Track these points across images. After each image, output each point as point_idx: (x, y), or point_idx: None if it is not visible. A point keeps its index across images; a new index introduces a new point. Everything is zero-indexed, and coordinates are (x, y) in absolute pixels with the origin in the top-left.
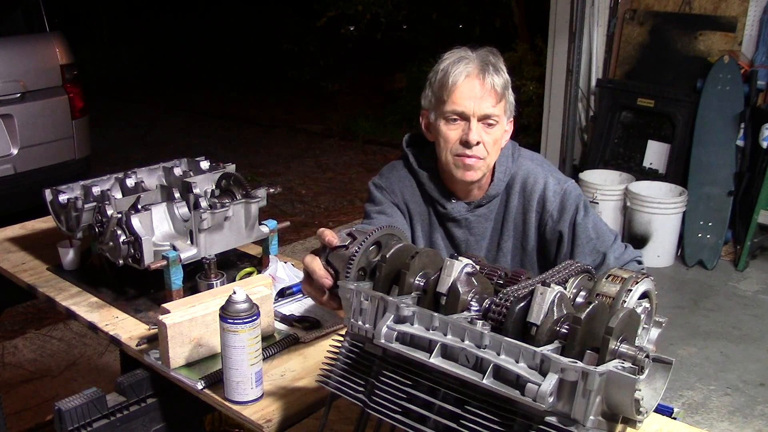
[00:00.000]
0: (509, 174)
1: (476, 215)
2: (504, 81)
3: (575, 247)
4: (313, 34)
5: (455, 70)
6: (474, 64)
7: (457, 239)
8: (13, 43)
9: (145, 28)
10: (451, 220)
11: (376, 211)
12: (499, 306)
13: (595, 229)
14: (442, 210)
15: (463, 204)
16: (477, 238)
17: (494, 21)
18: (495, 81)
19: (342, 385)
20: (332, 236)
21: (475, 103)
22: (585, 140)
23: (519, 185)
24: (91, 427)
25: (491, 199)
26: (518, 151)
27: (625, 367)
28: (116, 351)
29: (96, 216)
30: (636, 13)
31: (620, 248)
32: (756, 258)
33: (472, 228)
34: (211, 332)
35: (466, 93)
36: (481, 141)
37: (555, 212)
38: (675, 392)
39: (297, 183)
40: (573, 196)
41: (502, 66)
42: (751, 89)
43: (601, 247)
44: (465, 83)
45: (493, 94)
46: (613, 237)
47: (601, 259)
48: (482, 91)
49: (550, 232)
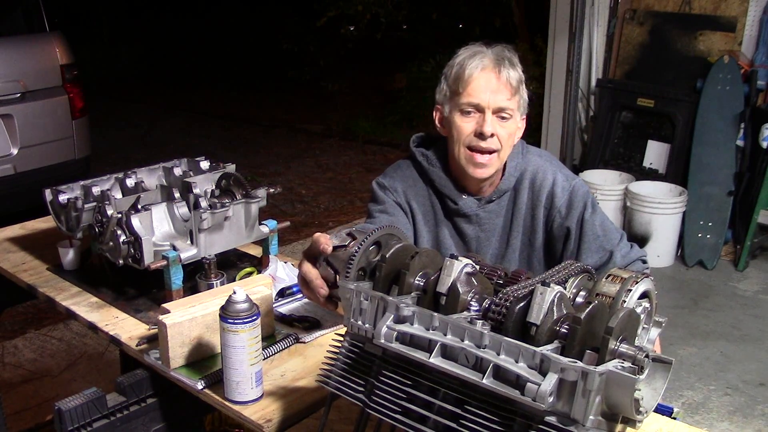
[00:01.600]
0: (519, 170)
1: (487, 211)
2: (519, 76)
3: (582, 244)
4: (313, 34)
5: (471, 63)
6: (489, 58)
7: (468, 236)
8: (13, 43)
9: (145, 28)
10: (461, 216)
11: (379, 210)
12: (499, 306)
13: (602, 226)
14: (453, 206)
15: (473, 200)
16: (488, 234)
17: (494, 21)
18: (510, 75)
19: (342, 385)
20: (327, 243)
21: (491, 96)
22: (585, 140)
23: (528, 181)
24: (91, 427)
25: (502, 194)
26: (527, 148)
27: (624, 367)
28: (116, 351)
29: (96, 216)
30: (636, 13)
31: (626, 247)
32: (756, 258)
33: (483, 224)
34: (211, 332)
35: (482, 85)
36: (495, 133)
37: (563, 208)
38: (675, 392)
39: (297, 183)
40: (581, 193)
41: (517, 62)
42: (751, 89)
43: (607, 245)
44: (481, 75)
45: (508, 87)
46: (620, 235)
47: (608, 257)
48: (497, 84)
49: (558, 228)
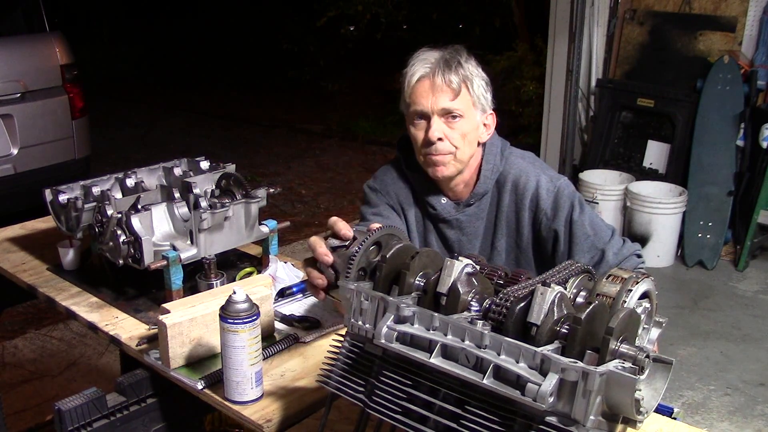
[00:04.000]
0: (497, 171)
1: (466, 215)
2: (461, 76)
3: (573, 245)
4: (313, 34)
5: (411, 71)
6: (429, 64)
7: (450, 240)
8: (13, 43)
9: (145, 28)
10: (442, 222)
11: (372, 213)
12: (500, 306)
13: (591, 225)
14: (432, 211)
15: (451, 204)
16: (470, 237)
17: (494, 21)
18: (449, 77)
19: (342, 385)
20: (326, 255)
21: (431, 101)
22: (585, 140)
23: (510, 184)
24: (91, 427)
25: (480, 197)
26: (508, 150)
27: (625, 367)
28: (116, 351)
29: (96, 216)
30: (636, 13)
31: (618, 243)
32: (756, 258)
33: (463, 228)
34: (211, 332)
35: (421, 92)
36: (444, 137)
37: (549, 210)
38: (675, 392)
39: (297, 183)
40: (566, 194)
41: (463, 62)
42: (751, 89)
43: (599, 243)
44: (419, 84)
45: (447, 90)
46: (611, 232)
47: (600, 255)
48: (435, 88)
49: (545, 231)
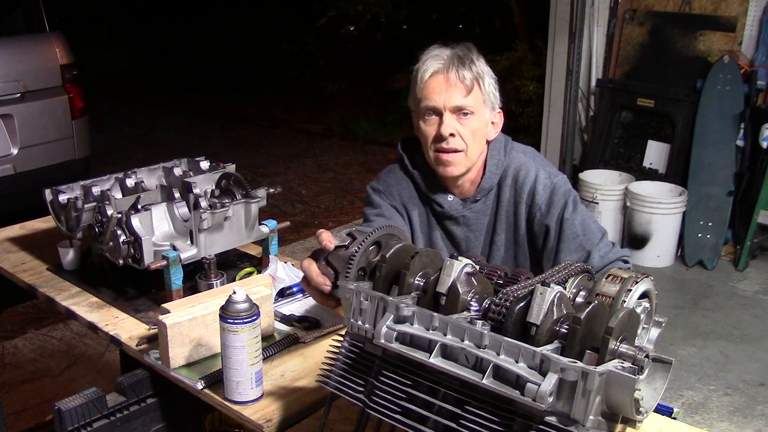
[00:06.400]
0: (502, 167)
1: (473, 211)
2: (474, 73)
3: (561, 243)
4: (313, 34)
5: (424, 67)
6: (442, 60)
7: (457, 237)
8: (13, 43)
9: (145, 28)
10: (448, 219)
11: (375, 214)
12: (499, 306)
13: (582, 225)
14: (438, 209)
15: (458, 201)
16: (476, 234)
17: (494, 21)
18: (463, 74)
19: (342, 385)
20: (329, 240)
21: (444, 97)
22: (585, 140)
23: (511, 178)
24: (91, 427)
25: (486, 192)
26: (511, 145)
27: (624, 367)
28: (116, 351)
29: (96, 216)
30: (636, 13)
31: (606, 247)
32: (756, 258)
33: (470, 224)
34: (211, 332)
35: (434, 88)
36: (456, 133)
37: (543, 205)
38: (675, 392)
39: (297, 183)
40: (562, 191)
41: (475, 59)
42: (751, 89)
43: (586, 244)
44: (433, 79)
45: (461, 86)
46: (601, 235)
47: (586, 257)
48: (449, 85)
49: (537, 226)
